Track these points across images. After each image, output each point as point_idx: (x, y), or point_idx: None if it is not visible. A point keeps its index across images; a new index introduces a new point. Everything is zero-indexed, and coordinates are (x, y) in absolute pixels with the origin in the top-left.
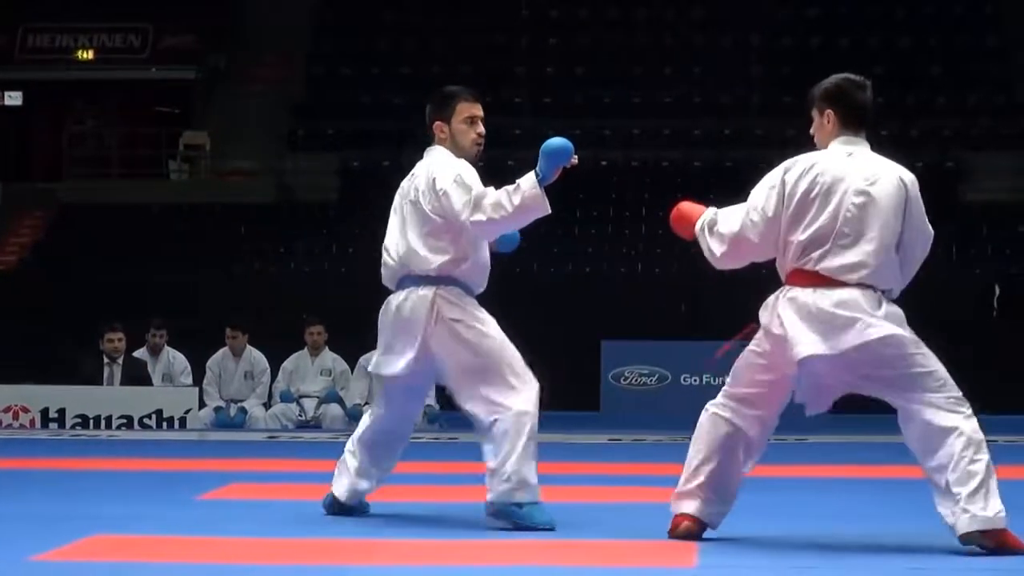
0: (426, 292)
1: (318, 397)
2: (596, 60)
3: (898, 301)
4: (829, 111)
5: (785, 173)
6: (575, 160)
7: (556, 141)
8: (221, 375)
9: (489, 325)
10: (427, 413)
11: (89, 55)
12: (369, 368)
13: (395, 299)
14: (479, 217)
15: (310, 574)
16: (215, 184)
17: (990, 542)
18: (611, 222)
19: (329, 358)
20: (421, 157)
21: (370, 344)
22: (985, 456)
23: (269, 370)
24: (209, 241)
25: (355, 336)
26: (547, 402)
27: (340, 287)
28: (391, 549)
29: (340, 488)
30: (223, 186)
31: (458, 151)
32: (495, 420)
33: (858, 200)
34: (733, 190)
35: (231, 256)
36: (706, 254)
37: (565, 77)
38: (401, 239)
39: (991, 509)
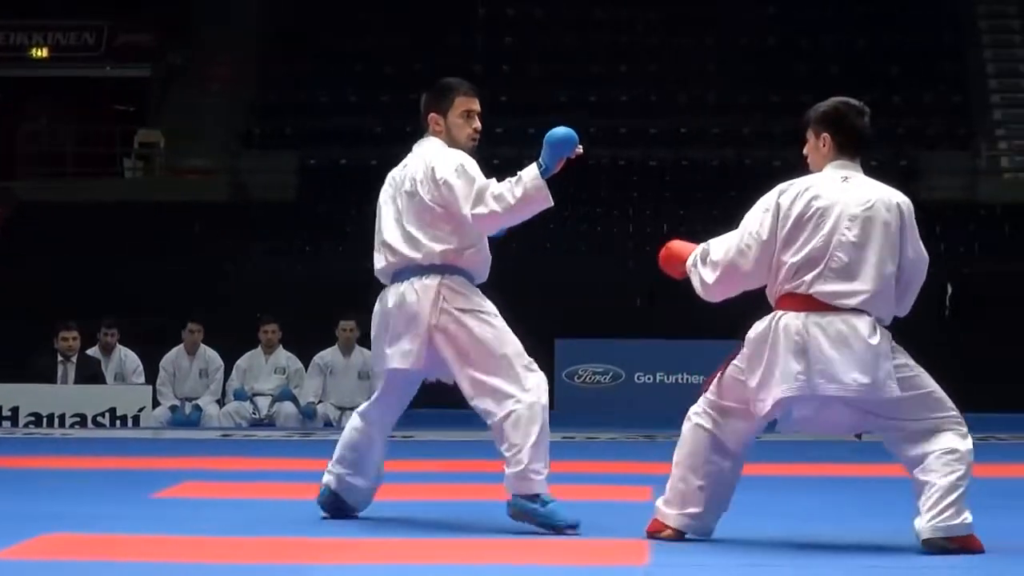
0: (430, 282)
1: (272, 395)
2: (552, 59)
3: None
4: (826, 135)
5: (780, 196)
6: (580, 150)
7: (560, 130)
8: (175, 373)
9: (495, 315)
10: None
11: (44, 53)
12: (374, 365)
13: (394, 290)
14: (481, 210)
15: (264, 573)
16: (170, 182)
17: (955, 546)
18: (566, 221)
19: (283, 356)
20: (374, 155)
21: (323, 342)
22: (964, 468)
23: (223, 368)
24: (164, 239)
25: (309, 335)
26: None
27: (295, 286)
28: (343, 548)
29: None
30: (178, 184)
31: (452, 145)
32: (509, 412)
33: (853, 225)
34: (689, 188)
35: (186, 254)
36: (697, 287)
37: (521, 76)
38: (400, 230)
39: (960, 518)
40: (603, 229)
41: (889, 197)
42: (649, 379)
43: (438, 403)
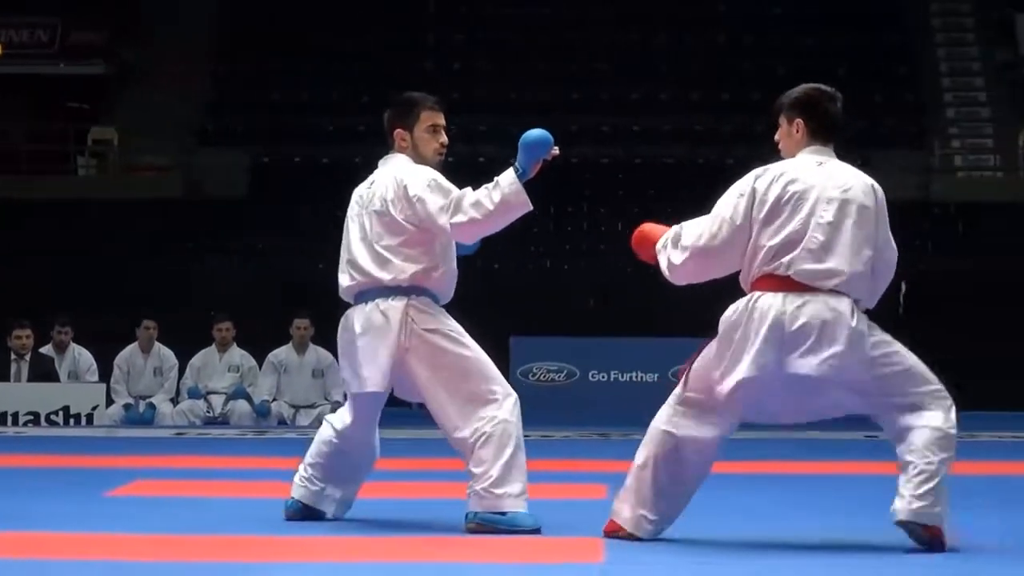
0: (397, 303)
1: (226, 393)
2: (503, 58)
3: None
4: (799, 120)
5: (756, 180)
6: (556, 151)
7: (534, 133)
8: (130, 371)
9: (463, 335)
10: (335, 409)
11: None
12: (347, 389)
13: (359, 312)
14: (460, 218)
15: (217, 571)
16: (124, 180)
17: (926, 535)
18: (519, 220)
19: (237, 354)
20: (328, 153)
21: (277, 340)
22: (946, 453)
23: (177, 366)
24: (117, 237)
25: (263, 333)
26: None
27: (249, 283)
28: (297, 546)
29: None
30: (132, 182)
31: (419, 160)
32: (481, 432)
33: (831, 207)
34: (642, 187)
35: (140, 252)
36: (664, 268)
37: (471, 74)
38: (367, 249)
39: (936, 506)
40: (556, 227)
41: (865, 181)
42: (603, 377)
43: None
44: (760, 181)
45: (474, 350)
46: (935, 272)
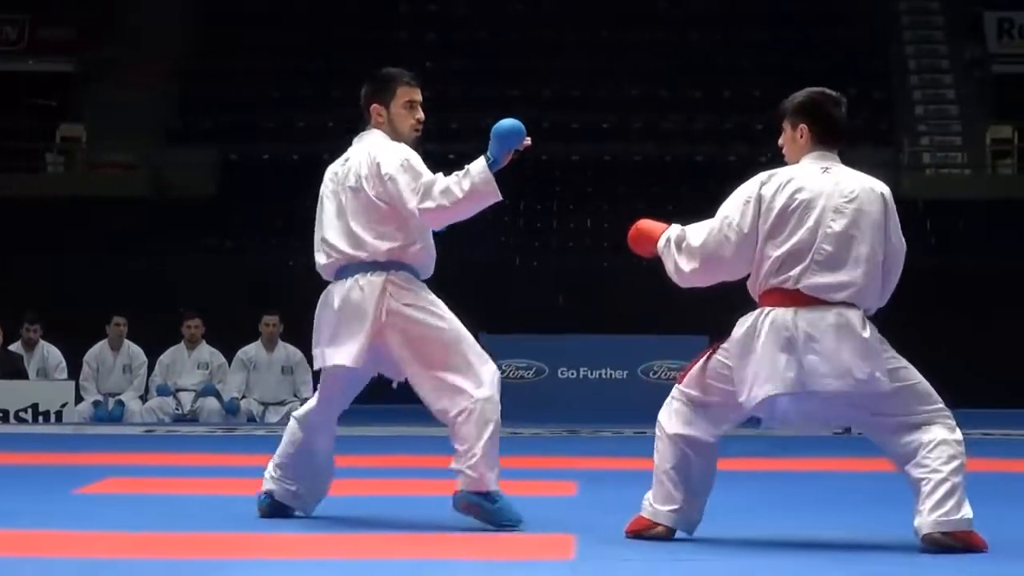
0: (376, 278)
1: (195, 391)
2: (474, 54)
3: None
4: (803, 125)
5: (762, 187)
6: (528, 142)
7: (507, 123)
8: (99, 369)
9: (443, 309)
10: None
11: None
12: (316, 364)
13: (339, 288)
14: (428, 205)
15: (187, 568)
16: (92, 177)
17: (957, 542)
18: (488, 215)
19: (206, 351)
20: (297, 151)
21: (246, 337)
22: (958, 461)
23: (147, 363)
24: (86, 234)
25: (232, 330)
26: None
27: (218, 281)
28: (266, 543)
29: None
30: (100, 179)
31: (395, 136)
32: (463, 409)
33: (839, 217)
34: (612, 184)
35: (108, 249)
36: (671, 272)
37: (443, 72)
38: (342, 226)
39: (960, 512)
40: (526, 224)
41: (871, 186)
42: (573, 374)
43: (373, 399)
44: (767, 188)
45: (452, 323)
46: (903, 269)
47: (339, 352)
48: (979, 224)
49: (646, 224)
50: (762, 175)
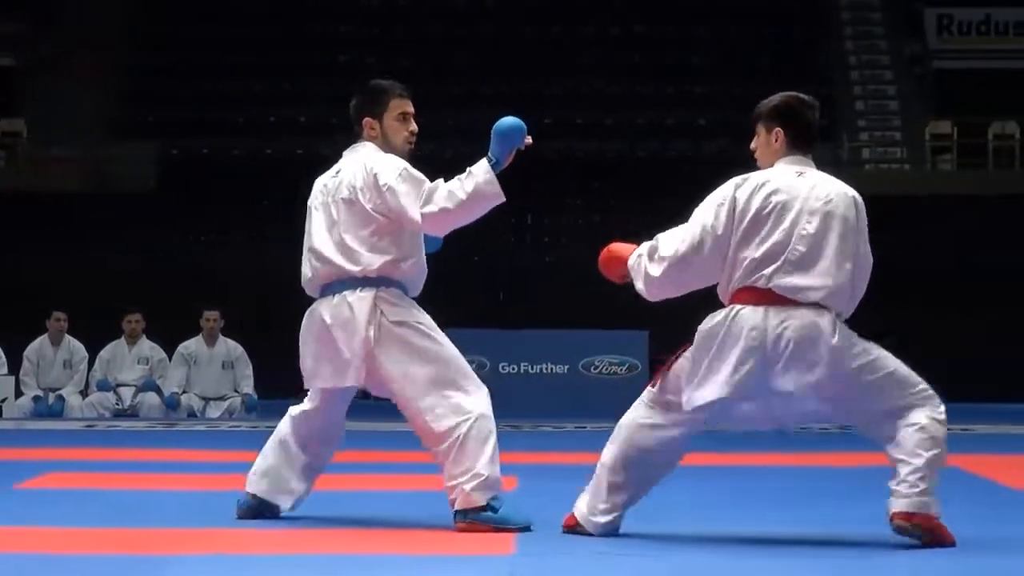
0: (366, 294)
1: (135, 386)
2: (420, 50)
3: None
4: (778, 129)
5: (736, 189)
6: (529, 140)
7: (508, 121)
8: (39, 364)
9: (434, 328)
10: (245, 401)
11: None
12: (311, 384)
13: (325, 304)
14: (431, 208)
15: (128, 564)
16: (33, 172)
17: (924, 524)
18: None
19: (147, 347)
20: (238, 146)
21: (186, 332)
22: (937, 450)
23: (87, 358)
24: (26, 229)
25: (173, 325)
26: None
27: (157, 275)
28: (207, 538)
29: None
30: (41, 174)
31: (388, 149)
32: (459, 431)
33: (814, 219)
34: (552, 180)
35: (49, 244)
36: (639, 283)
37: (388, 67)
38: (335, 239)
39: (928, 496)
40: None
41: (845, 191)
42: (514, 369)
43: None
44: (741, 190)
45: (444, 344)
46: None
47: (334, 372)
48: (918, 219)
49: (616, 246)
50: (736, 179)
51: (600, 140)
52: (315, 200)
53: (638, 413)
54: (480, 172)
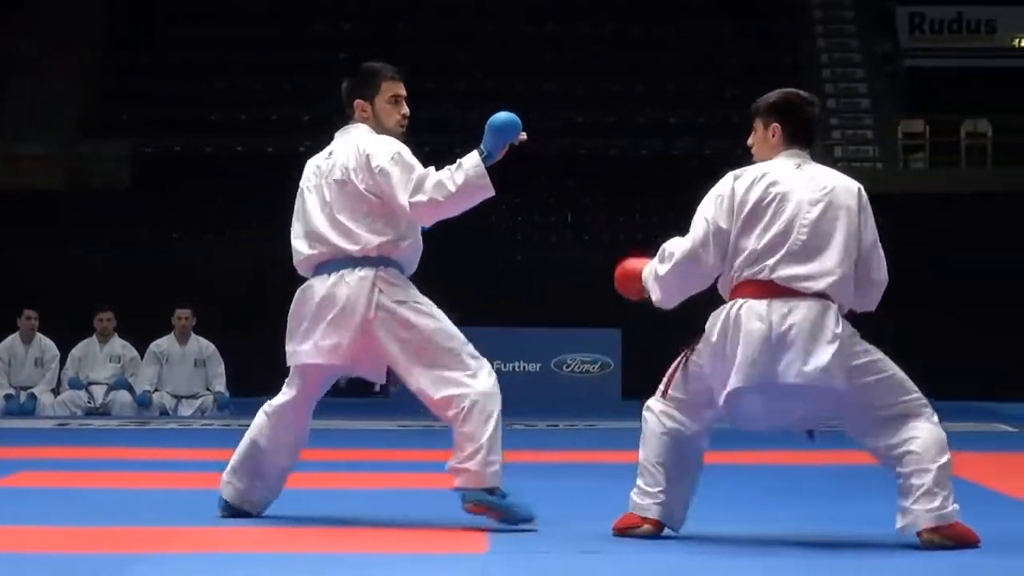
0: (365, 274)
1: (107, 384)
2: (389, 47)
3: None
4: (775, 125)
5: (735, 181)
6: (523, 135)
7: (502, 115)
8: (11, 362)
9: (432, 307)
10: (217, 399)
11: None
12: (291, 360)
13: (321, 283)
14: (420, 198)
15: (100, 563)
16: (6, 169)
17: (950, 533)
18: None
19: (118, 344)
20: (211, 144)
21: (158, 330)
22: (943, 457)
23: (59, 357)
24: None
25: (145, 323)
26: (339, 390)
27: (130, 274)
28: (180, 537)
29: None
30: (14, 172)
31: (380, 131)
32: (463, 406)
33: (815, 209)
34: (523, 177)
35: (21, 242)
36: (655, 293)
37: (358, 64)
38: (329, 220)
39: (945, 507)
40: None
41: (846, 183)
42: None
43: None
44: (740, 182)
45: (443, 321)
46: None
47: (320, 349)
48: (890, 217)
49: (629, 263)
50: (735, 171)
51: (573, 138)
52: (308, 181)
53: (660, 415)
54: (470, 165)
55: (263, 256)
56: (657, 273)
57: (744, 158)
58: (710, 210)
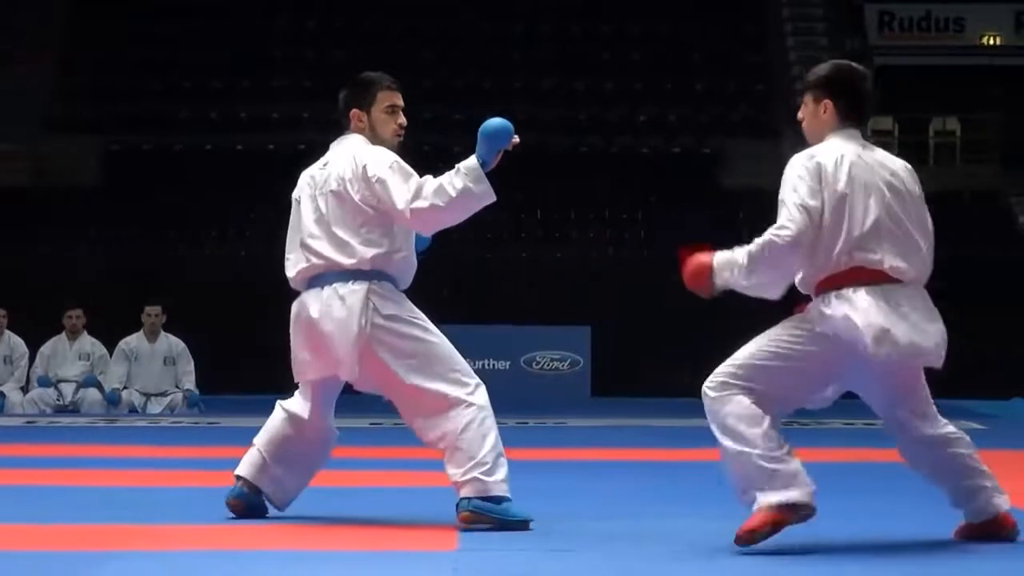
0: (358, 287)
1: (76, 382)
2: (355, 43)
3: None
4: (827, 101)
5: (815, 160)
6: (516, 140)
7: (494, 122)
8: None
9: (426, 322)
10: (187, 397)
11: None
12: (301, 377)
13: (315, 297)
14: (420, 204)
15: (68, 560)
16: None
17: (1005, 523)
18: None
19: (88, 342)
20: (180, 141)
21: (128, 328)
22: (975, 449)
23: (28, 354)
24: None
25: (114, 320)
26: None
27: (99, 271)
28: (149, 534)
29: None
30: None
31: (376, 141)
32: (461, 421)
33: (894, 194)
34: (493, 176)
35: None
36: (744, 279)
37: (324, 61)
38: (324, 231)
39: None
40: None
41: (904, 164)
42: None
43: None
44: (825, 159)
45: (438, 337)
46: None
47: (327, 363)
48: None
49: (698, 258)
50: (809, 151)
51: (540, 134)
52: (302, 192)
53: (751, 416)
54: (468, 169)
55: (234, 253)
56: (754, 263)
57: (718, 155)
58: (804, 194)
